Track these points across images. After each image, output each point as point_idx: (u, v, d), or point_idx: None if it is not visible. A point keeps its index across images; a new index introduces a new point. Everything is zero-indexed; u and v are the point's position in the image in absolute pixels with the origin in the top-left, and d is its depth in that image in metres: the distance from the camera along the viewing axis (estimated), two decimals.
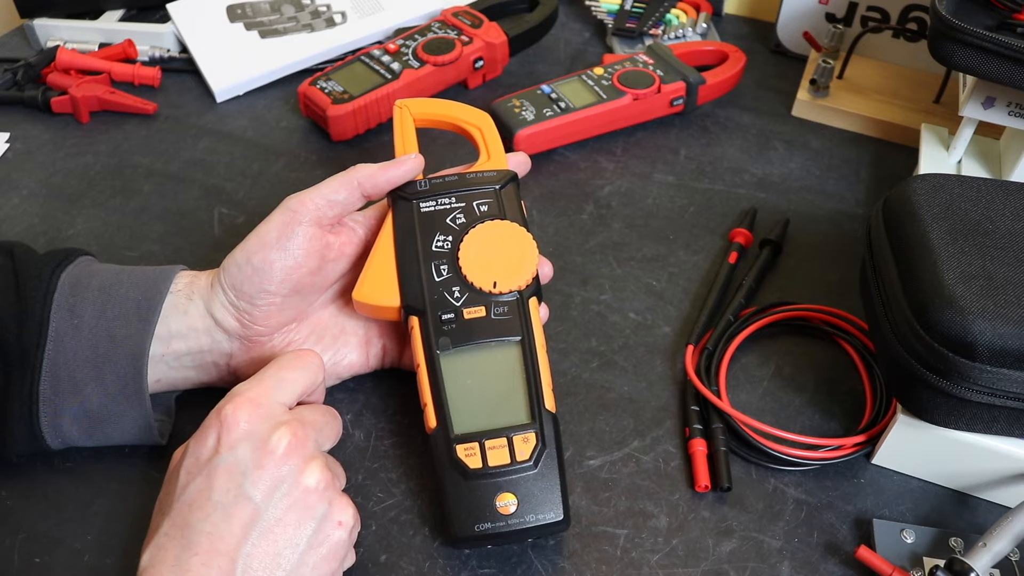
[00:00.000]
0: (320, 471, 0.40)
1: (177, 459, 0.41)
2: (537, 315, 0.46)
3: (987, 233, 0.45)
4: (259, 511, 0.38)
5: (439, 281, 0.47)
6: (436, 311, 0.46)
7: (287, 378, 0.42)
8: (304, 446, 0.40)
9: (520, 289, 0.46)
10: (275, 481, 0.38)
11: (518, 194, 0.50)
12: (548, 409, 0.44)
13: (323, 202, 0.46)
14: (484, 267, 0.47)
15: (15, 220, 0.63)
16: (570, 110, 0.69)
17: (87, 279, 0.46)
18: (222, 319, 0.46)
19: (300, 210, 0.46)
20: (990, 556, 0.41)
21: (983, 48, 0.53)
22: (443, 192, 0.49)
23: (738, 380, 0.53)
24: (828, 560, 0.45)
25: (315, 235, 0.46)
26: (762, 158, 0.71)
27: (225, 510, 0.37)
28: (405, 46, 0.74)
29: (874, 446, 0.49)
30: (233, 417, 0.39)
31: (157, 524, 0.38)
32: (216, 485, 0.38)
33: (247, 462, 0.38)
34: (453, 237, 0.48)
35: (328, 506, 0.39)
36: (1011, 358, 0.41)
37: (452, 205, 0.49)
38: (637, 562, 0.44)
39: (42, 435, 0.44)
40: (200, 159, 0.69)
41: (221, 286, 0.46)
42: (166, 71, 0.78)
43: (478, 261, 0.47)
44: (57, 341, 0.44)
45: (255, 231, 0.46)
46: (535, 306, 0.47)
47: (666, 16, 0.84)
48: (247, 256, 0.45)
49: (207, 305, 0.46)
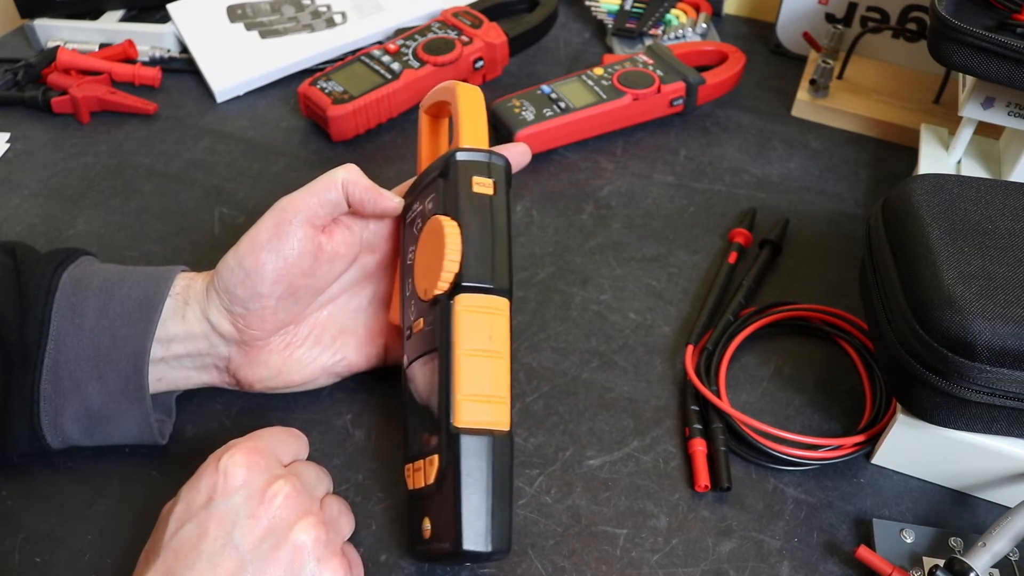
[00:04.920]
0: (314, 528, 0.38)
1: (167, 509, 0.40)
2: (471, 315, 0.41)
3: (987, 233, 0.45)
4: (244, 562, 0.37)
5: (407, 297, 0.46)
6: (405, 329, 0.45)
7: (284, 439, 0.43)
8: (300, 500, 0.39)
9: (441, 292, 0.41)
10: (265, 532, 0.37)
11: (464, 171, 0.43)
12: (457, 425, 0.39)
13: (314, 201, 0.45)
14: (422, 273, 0.43)
15: (16, 220, 0.63)
16: (570, 110, 0.69)
17: (88, 279, 0.46)
18: (218, 324, 0.46)
19: (291, 209, 0.45)
20: (990, 556, 0.41)
21: (983, 48, 0.53)
22: (413, 198, 0.47)
23: (738, 380, 0.53)
24: (828, 560, 0.45)
25: (307, 235, 0.45)
26: (762, 158, 0.71)
27: (211, 559, 0.36)
28: (405, 46, 0.74)
29: (874, 446, 0.49)
30: (233, 465, 0.39)
31: (141, 573, 0.38)
32: (206, 532, 0.37)
33: (240, 511, 0.38)
34: (415, 246, 0.45)
35: (317, 564, 0.38)
36: (1011, 358, 0.41)
37: (416, 210, 0.46)
38: (637, 562, 0.45)
39: (43, 434, 0.44)
40: (200, 159, 0.69)
41: (215, 291, 0.45)
42: (166, 71, 0.78)
43: (419, 268, 0.44)
44: (58, 340, 0.44)
45: (246, 234, 0.46)
46: (468, 305, 0.41)
47: (666, 16, 0.84)
48: (239, 260, 0.45)
49: (203, 310, 0.46)
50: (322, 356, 0.49)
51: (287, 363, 0.48)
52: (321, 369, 0.49)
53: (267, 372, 0.48)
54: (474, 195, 0.43)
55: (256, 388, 0.49)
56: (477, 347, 0.40)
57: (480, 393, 0.40)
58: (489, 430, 0.40)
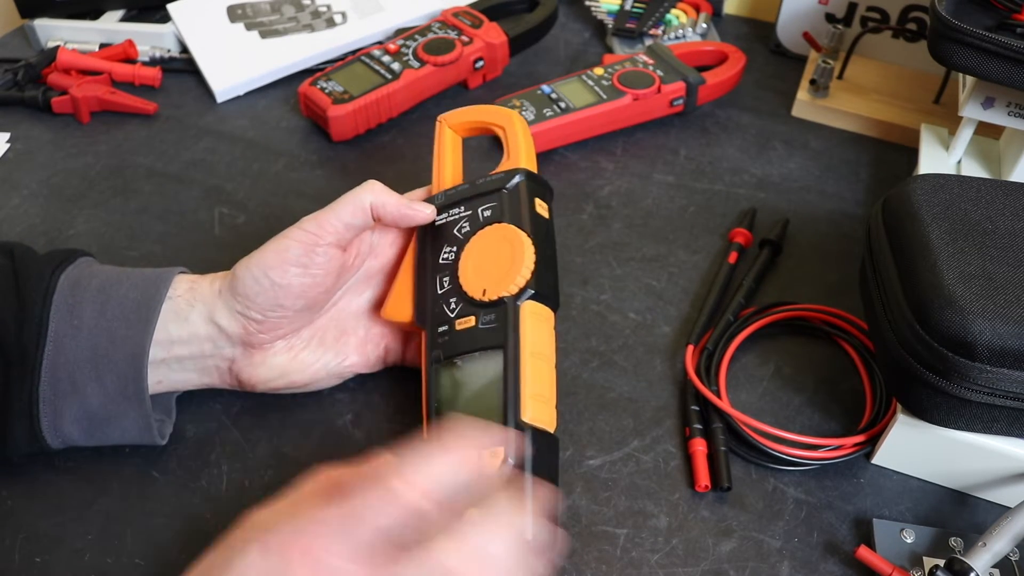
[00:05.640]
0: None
1: None
2: (535, 320, 0.44)
3: (987, 233, 0.45)
4: None
5: (440, 294, 0.46)
6: (435, 324, 0.46)
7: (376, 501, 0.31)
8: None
9: (509, 295, 0.44)
10: None
11: (529, 192, 0.47)
12: (528, 422, 0.40)
13: (341, 226, 0.46)
14: (477, 275, 0.45)
15: (16, 220, 0.63)
16: (570, 110, 0.69)
17: (87, 280, 0.46)
18: (227, 326, 0.46)
19: (320, 233, 0.45)
20: (990, 556, 0.41)
21: (983, 48, 0.53)
22: (454, 203, 0.49)
23: (738, 380, 0.53)
24: (828, 560, 0.45)
25: (335, 256, 0.46)
26: (762, 158, 0.71)
27: None
28: (405, 46, 0.74)
29: (874, 446, 0.49)
30: None
31: None
32: None
33: None
34: (457, 248, 0.47)
35: None
36: (1011, 358, 0.41)
37: (460, 215, 0.48)
38: (637, 562, 0.44)
39: (42, 435, 0.44)
40: (200, 159, 0.69)
41: (232, 294, 0.45)
42: (166, 71, 0.78)
43: (473, 269, 0.46)
44: (56, 342, 0.44)
45: (273, 246, 0.45)
46: (532, 311, 0.44)
47: (666, 16, 0.84)
48: (264, 270, 0.45)
49: (210, 312, 0.46)
50: (324, 357, 0.49)
51: (291, 364, 0.48)
52: (324, 370, 0.49)
53: (271, 373, 0.48)
54: (537, 214, 0.47)
55: (259, 389, 0.49)
56: (537, 350, 0.43)
57: (540, 393, 0.42)
58: (545, 429, 0.42)
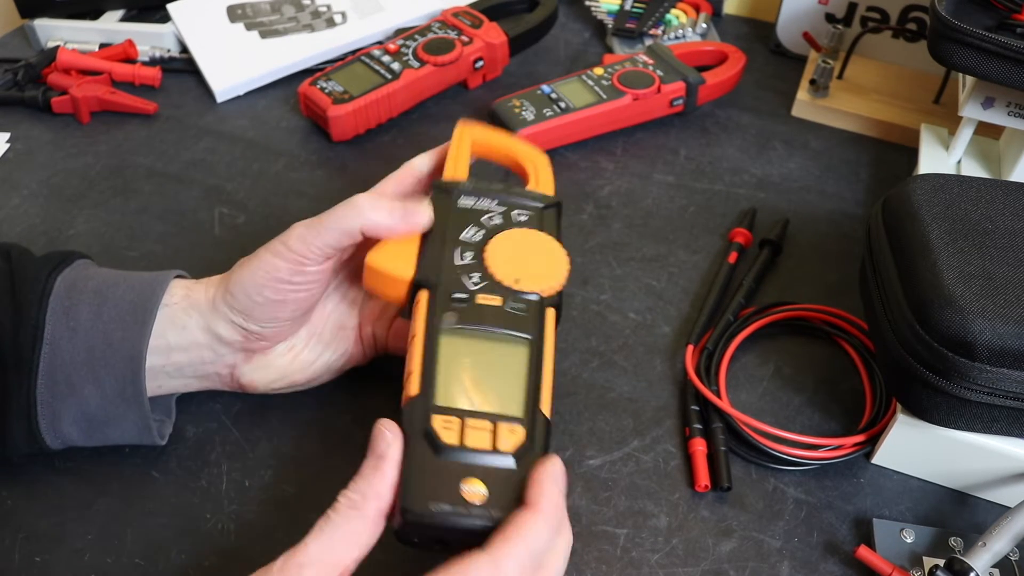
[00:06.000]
0: None
1: None
2: (552, 326, 0.45)
3: (987, 233, 0.45)
4: None
5: (459, 265, 0.46)
6: (449, 289, 0.45)
7: None
8: None
9: (543, 294, 0.45)
10: None
11: (559, 222, 0.50)
12: (543, 412, 0.41)
13: (329, 249, 0.45)
14: (510, 264, 0.46)
15: (15, 220, 0.63)
16: (570, 110, 0.69)
17: (83, 282, 0.46)
18: (225, 335, 0.46)
19: (307, 254, 0.44)
20: (990, 556, 0.41)
21: (982, 48, 0.53)
22: (486, 194, 0.49)
23: (738, 380, 0.53)
24: (828, 560, 0.45)
25: (325, 268, 0.46)
26: (762, 158, 0.71)
27: None
28: (405, 46, 0.74)
29: (874, 446, 0.49)
30: None
31: None
32: None
33: None
34: (485, 232, 0.47)
35: None
36: (1011, 358, 0.41)
37: (491, 207, 0.49)
38: (637, 561, 0.45)
39: (41, 436, 0.44)
40: (200, 159, 0.69)
41: (227, 307, 0.45)
42: (166, 71, 0.78)
43: (505, 257, 0.46)
44: (53, 344, 0.44)
45: (262, 263, 0.44)
46: (551, 317, 0.45)
47: (666, 16, 0.84)
48: (258, 288, 0.44)
49: (207, 323, 0.45)
50: (324, 353, 0.49)
51: (292, 365, 0.48)
52: (324, 366, 0.49)
53: (273, 376, 0.48)
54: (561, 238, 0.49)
55: (260, 391, 0.49)
56: (551, 350, 0.44)
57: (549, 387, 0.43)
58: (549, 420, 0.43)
